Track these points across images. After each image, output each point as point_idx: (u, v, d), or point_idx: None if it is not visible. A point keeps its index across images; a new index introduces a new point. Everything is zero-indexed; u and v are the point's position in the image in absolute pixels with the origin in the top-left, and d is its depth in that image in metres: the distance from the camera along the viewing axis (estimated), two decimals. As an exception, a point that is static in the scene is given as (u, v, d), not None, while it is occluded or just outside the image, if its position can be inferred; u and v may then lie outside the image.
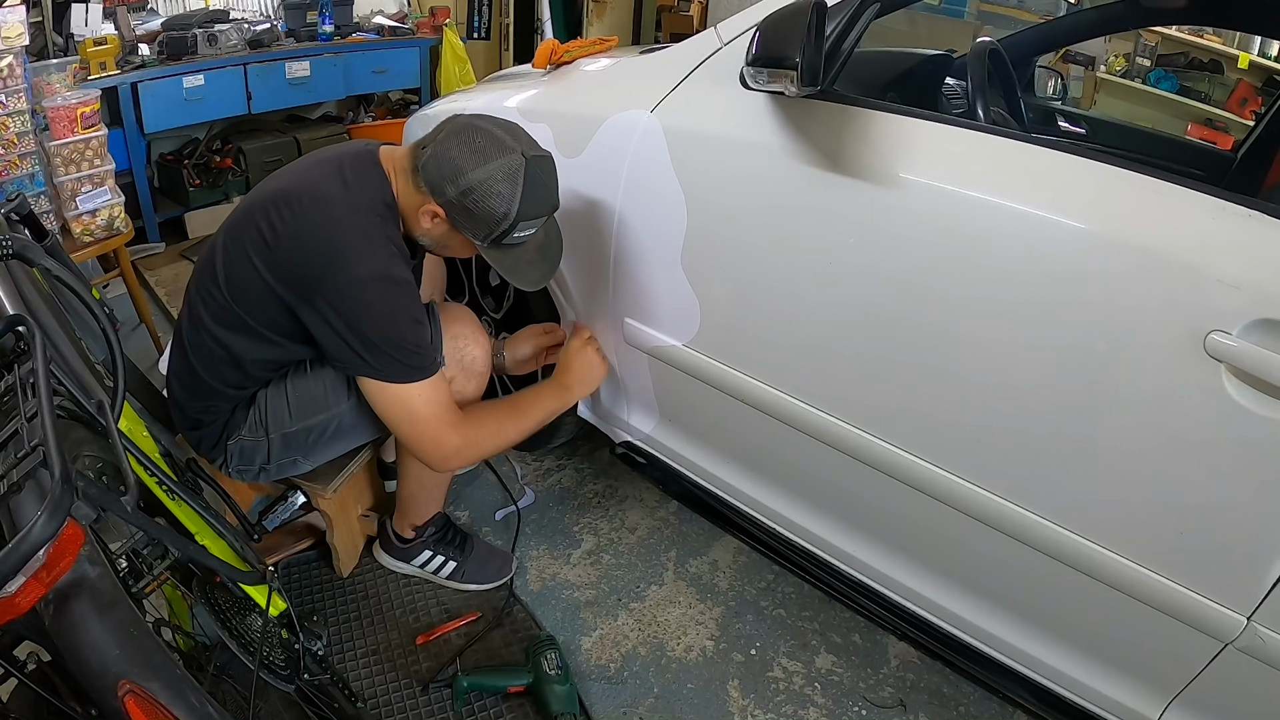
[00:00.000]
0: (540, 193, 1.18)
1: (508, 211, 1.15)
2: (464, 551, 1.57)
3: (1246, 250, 0.86)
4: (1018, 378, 1.01)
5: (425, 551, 1.54)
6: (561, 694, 1.31)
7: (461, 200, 1.15)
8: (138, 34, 2.75)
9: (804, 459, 1.29)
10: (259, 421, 1.30)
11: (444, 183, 1.15)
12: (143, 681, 0.67)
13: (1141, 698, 1.06)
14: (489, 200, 1.14)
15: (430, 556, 1.55)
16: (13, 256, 0.84)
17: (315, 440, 1.32)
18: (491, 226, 1.16)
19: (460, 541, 1.58)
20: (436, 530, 1.55)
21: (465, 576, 1.57)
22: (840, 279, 1.14)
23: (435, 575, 1.57)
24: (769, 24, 1.06)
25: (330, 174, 1.19)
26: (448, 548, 1.56)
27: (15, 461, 0.69)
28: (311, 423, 1.30)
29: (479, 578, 1.58)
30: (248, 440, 1.30)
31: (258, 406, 1.30)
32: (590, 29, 4.52)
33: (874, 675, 1.45)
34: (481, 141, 1.15)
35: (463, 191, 1.14)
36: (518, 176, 1.14)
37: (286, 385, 1.29)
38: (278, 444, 1.30)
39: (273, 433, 1.29)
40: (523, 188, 1.14)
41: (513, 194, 1.14)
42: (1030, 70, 2.21)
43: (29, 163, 2.02)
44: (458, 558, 1.56)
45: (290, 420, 1.29)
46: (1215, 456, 0.89)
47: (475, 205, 1.15)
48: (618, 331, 1.48)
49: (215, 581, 1.05)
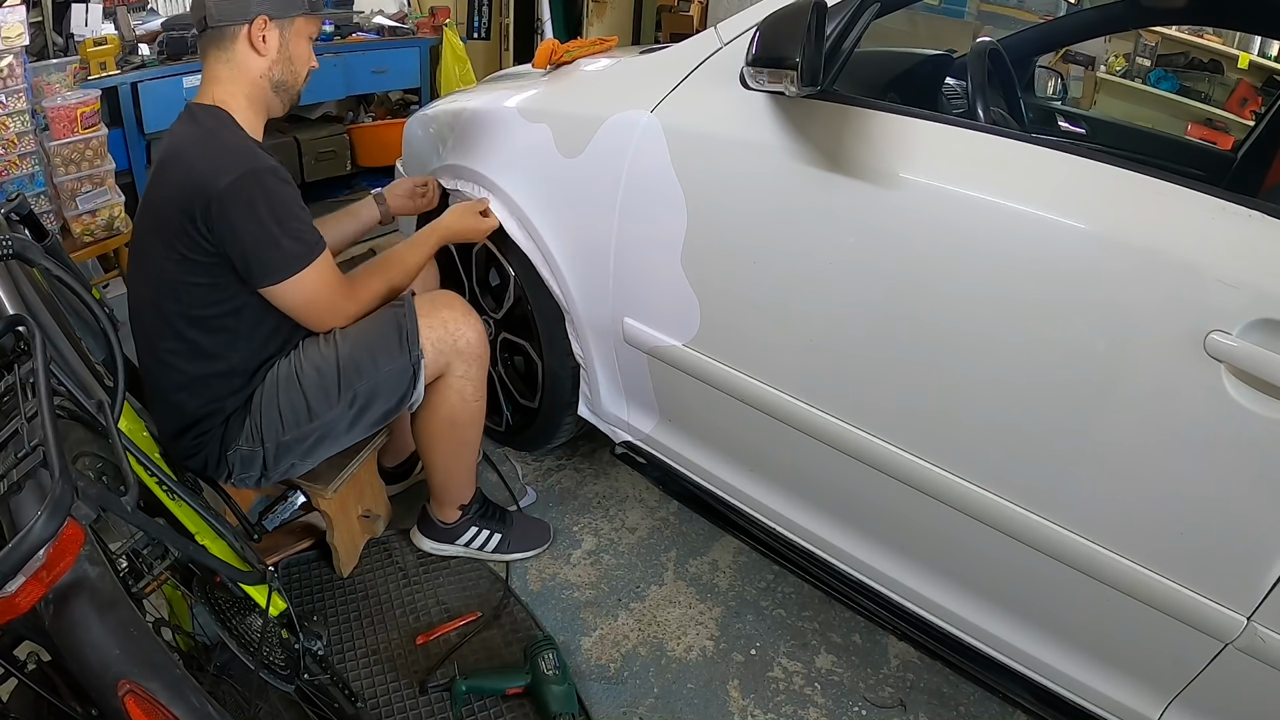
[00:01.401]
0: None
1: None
2: (505, 524, 1.62)
3: (1246, 250, 0.86)
4: (1018, 377, 1.01)
5: (470, 529, 1.58)
6: (560, 694, 1.30)
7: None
8: (138, 34, 2.74)
9: (804, 459, 1.29)
10: (254, 431, 1.30)
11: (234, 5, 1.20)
12: (143, 681, 0.67)
13: (1141, 698, 1.06)
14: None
15: (476, 533, 1.59)
16: (13, 256, 0.84)
17: (310, 447, 1.32)
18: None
19: (500, 515, 1.62)
20: (480, 506, 1.59)
21: (511, 546, 1.62)
22: (840, 279, 1.14)
23: (481, 551, 1.61)
24: (769, 24, 1.06)
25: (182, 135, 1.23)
26: (490, 521, 1.60)
27: (15, 461, 0.69)
28: (304, 431, 1.30)
29: (523, 545, 1.63)
30: (245, 449, 1.31)
31: (252, 416, 1.30)
32: (590, 29, 4.53)
33: (874, 675, 1.45)
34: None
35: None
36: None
37: (278, 395, 1.29)
38: (273, 451, 1.31)
39: (268, 442, 1.30)
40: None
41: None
42: (1030, 70, 2.21)
43: (29, 163, 2.03)
44: (501, 529, 1.61)
45: (283, 430, 1.29)
46: (1215, 456, 0.89)
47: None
48: (618, 331, 1.47)
49: (215, 581, 1.05)
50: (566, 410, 1.70)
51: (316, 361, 1.29)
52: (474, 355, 1.37)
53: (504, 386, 1.83)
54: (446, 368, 1.36)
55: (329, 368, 1.28)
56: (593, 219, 1.41)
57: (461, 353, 1.35)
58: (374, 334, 1.31)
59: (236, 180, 1.15)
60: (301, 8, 1.25)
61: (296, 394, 1.28)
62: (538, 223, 1.51)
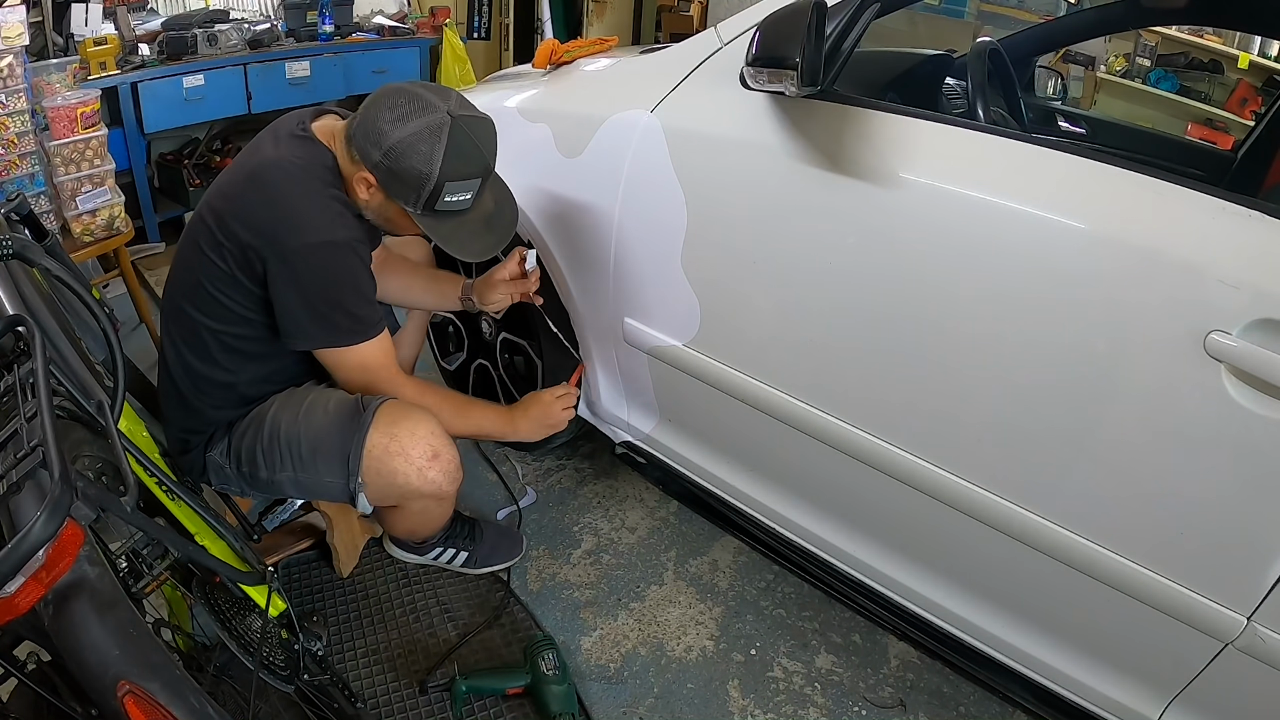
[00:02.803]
0: (467, 151, 1.13)
1: (430, 171, 1.11)
2: (474, 540, 1.58)
3: (1246, 250, 0.86)
4: (1018, 378, 1.01)
5: (437, 548, 1.56)
6: (560, 694, 1.30)
7: (385, 162, 1.12)
8: (138, 34, 2.74)
9: (804, 459, 1.28)
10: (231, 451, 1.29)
11: (369, 146, 1.13)
12: (142, 682, 0.67)
13: (1141, 698, 1.06)
14: (410, 159, 1.11)
15: (442, 551, 1.56)
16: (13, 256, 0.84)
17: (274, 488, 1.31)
18: (417, 188, 1.13)
19: (469, 531, 1.59)
20: (447, 528, 1.55)
21: (479, 562, 1.59)
22: (840, 279, 1.14)
23: (449, 564, 1.59)
24: (769, 24, 1.06)
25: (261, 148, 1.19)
26: (458, 540, 1.57)
27: (15, 462, 0.70)
28: (261, 477, 1.28)
29: (492, 560, 1.60)
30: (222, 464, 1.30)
31: (232, 437, 1.29)
32: (590, 29, 4.52)
33: (874, 675, 1.45)
34: (405, 102, 1.12)
35: (385, 152, 1.12)
36: (440, 134, 1.11)
37: (248, 432, 1.28)
38: (247, 475, 1.30)
39: (244, 466, 1.29)
40: (445, 146, 1.11)
41: (433, 152, 1.11)
42: (1030, 70, 2.21)
43: (29, 163, 2.02)
44: (470, 547, 1.58)
45: (245, 463, 1.28)
46: (1215, 456, 0.89)
47: (397, 165, 1.12)
48: (618, 331, 1.47)
49: (215, 582, 1.05)
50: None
51: (278, 423, 1.26)
52: (440, 495, 1.29)
53: (504, 386, 1.83)
54: (401, 501, 1.32)
55: (280, 439, 1.25)
56: (592, 219, 1.41)
57: (423, 495, 1.27)
58: (326, 433, 1.24)
59: (314, 247, 1.13)
60: (409, 205, 1.16)
61: (257, 441, 1.27)
62: (538, 223, 1.51)
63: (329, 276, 1.16)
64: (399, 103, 1.12)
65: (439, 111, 1.12)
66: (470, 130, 1.13)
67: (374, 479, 1.23)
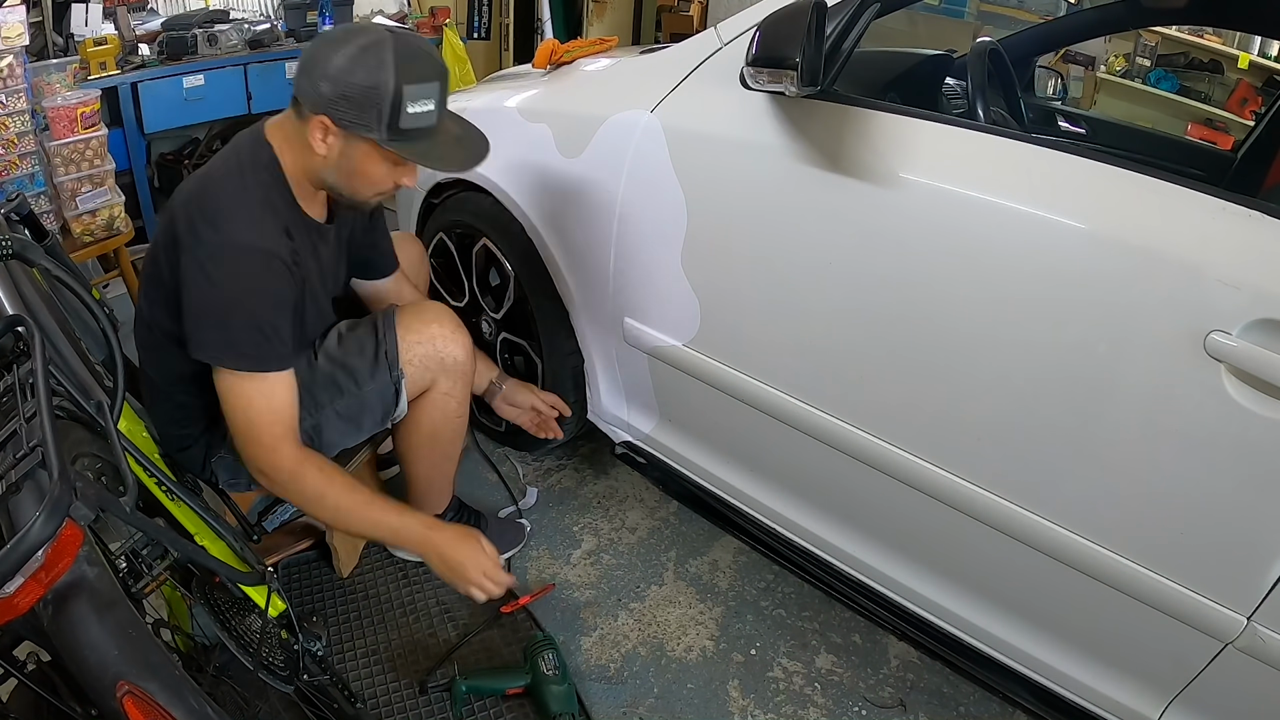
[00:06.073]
0: (417, 58, 1.07)
1: (384, 79, 1.04)
2: (481, 528, 1.59)
3: (1246, 250, 0.86)
4: (1018, 378, 1.01)
5: None
6: (560, 694, 1.30)
7: (335, 90, 1.05)
8: (138, 34, 2.74)
9: (804, 459, 1.28)
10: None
11: (316, 81, 1.06)
12: (141, 682, 0.67)
13: (1141, 698, 1.06)
14: (359, 74, 1.04)
15: None
16: (13, 256, 0.84)
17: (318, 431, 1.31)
18: (376, 104, 1.05)
19: (475, 519, 1.61)
20: (454, 513, 1.57)
21: None
22: (840, 279, 1.14)
23: None
24: (769, 24, 1.06)
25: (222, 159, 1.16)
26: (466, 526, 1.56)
27: (14, 462, 0.69)
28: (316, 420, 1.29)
29: (500, 546, 1.57)
30: (229, 459, 1.30)
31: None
32: (590, 29, 4.52)
33: (874, 675, 1.45)
34: (339, 33, 1.08)
35: (333, 80, 1.04)
36: (384, 46, 1.05)
37: None
38: None
39: None
40: (393, 54, 1.04)
41: (381, 61, 1.04)
42: (1030, 70, 2.21)
43: (29, 163, 2.03)
44: None
45: None
46: (1215, 456, 0.89)
47: (348, 87, 1.04)
48: (618, 331, 1.47)
49: (214, 582, 1.05)
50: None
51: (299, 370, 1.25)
52: (460, 372, 1.35)
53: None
54: (431, 384, 1.34)
55: (305, 384, 1.25)
56: (593, 219, 1.41)
57: (448, 370, 1.33)
58: (353, 353, 1.28)
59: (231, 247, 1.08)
60: (373, 131, 1.07)
61: None
62: (538, 222, 1.51)
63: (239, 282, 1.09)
64: (333, 34, 1.08)
65: (375, 30, 1.07)
66: (410, 40, 1.08)
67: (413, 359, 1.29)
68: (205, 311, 1.10)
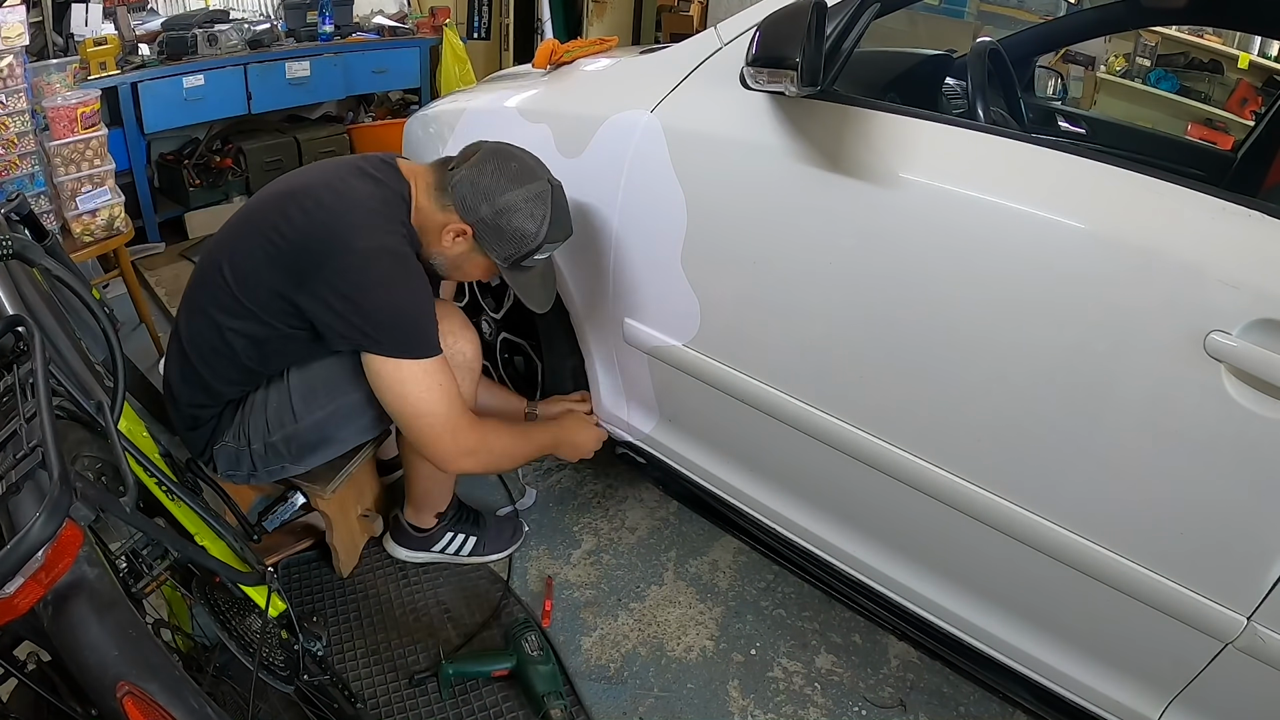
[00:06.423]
0: (563, 218, 1.27)
1: (537, 232, 1.23)
2: (480, 526, 1.62)
3: (1246, 250, 0.86)
4: (1018, 378, 1.01)
5: (446, 534, 1.59)
6: (545, 674, 1.32)
7: (495, 219, 1.21)
8: (138, 34, 2.75)
9: (804, 459, 1.28)
10: (241, 429, 1.30)
11: (479, 201, 1.21)
12: (141, 682, 0.67)
13: (1141, 698, 1.06)
14: (521, 220, 1.22)
15: (452, 538, 1.59)
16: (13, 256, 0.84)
17: (297, 449, 1.32)
18: (519, 246, 1.23)
19: (474, 518, 1.63)
20: (455, 511, 1.59)
21: (486, 549, 1.62)
22: (840, 279, 1.14)
23: (456, 555, 1.60)
24: (769, 24, 1.06)
25: (352, 169, 1.22)
26: (465, 525, 1.60)
27: (14, 462, 0.69)
28: (288, 433, 1.30)
29: (498, 546, 1.64)
30: (231, 446, 1.31)
31: (243, 412, 1.30)
32: (590, 29, 4.53)
33: (874, 675, 1.45)
34: (515, 166, 1.23)
35: (498, 211, 1.21)
36: (546, 200, 1.23)
37: (268, 397, 1.29)
38: (260, 452, 1.31)
39: (254, 442, 1.30)
40: (550, 212, 1.23)
41: (543, 217, 1.22)
42: (1030, 70, 2.21)
43: (29, 163, 2.02)
44: (477, 533, 1.61)
45: (269, 431, 1.29)
46: (1215, 456, 0.89)
47: (509, 225, 1.22)
48: (618, 331, 1.47)
49: (215, 582, 1.05)
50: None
51: (307, 365, 1.29)
52: (468, 369, 1.37)
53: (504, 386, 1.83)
54: None
55: (316, 372, 1.28)
56: (593, 219, 1.41)
57: (457, 367, 1.34)
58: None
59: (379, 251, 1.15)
60: (499, 259, 1.26)
61: (284, 396, 1.29)
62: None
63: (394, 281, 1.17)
64: (510, 166, 1.22)
65: (543, 179, 1.24)
66: (563, 198, 1.27)
67: None
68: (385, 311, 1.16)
